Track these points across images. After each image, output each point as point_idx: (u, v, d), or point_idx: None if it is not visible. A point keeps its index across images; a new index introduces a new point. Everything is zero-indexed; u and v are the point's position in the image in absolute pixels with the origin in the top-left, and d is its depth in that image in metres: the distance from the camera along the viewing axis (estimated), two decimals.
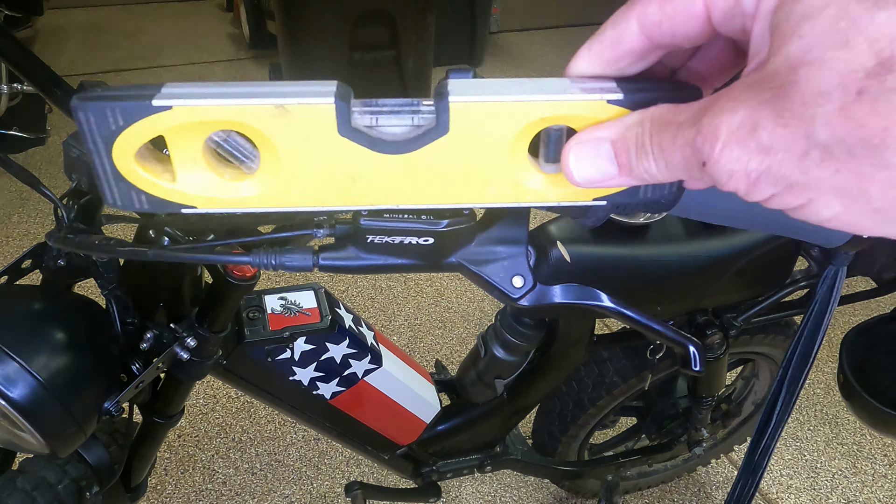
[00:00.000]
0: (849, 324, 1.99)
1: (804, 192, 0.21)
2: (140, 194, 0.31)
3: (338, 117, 0.29)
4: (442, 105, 0.29)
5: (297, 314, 0.81)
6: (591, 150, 0.28)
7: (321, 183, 0.31)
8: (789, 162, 0.21)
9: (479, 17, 3.54)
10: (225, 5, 4.45)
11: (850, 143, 0.19)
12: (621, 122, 0.27)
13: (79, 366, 0.60)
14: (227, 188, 0.32)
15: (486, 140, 0.30)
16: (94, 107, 0.28)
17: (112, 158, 0.30)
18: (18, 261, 0.64)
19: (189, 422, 1.59)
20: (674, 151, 0.24)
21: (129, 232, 0.67)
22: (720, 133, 0.22)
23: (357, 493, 1.06)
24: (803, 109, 0.20)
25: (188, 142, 0.30)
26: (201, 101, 0.28)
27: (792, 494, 1.54)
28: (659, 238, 0.80)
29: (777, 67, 0.21)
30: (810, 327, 0.77)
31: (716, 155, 0.22)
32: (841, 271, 0.75)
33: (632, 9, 0.27)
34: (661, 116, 0.26)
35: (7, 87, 2.14)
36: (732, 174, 0.22)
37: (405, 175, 0.31)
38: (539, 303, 0.45)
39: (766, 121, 0.21)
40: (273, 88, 0.29)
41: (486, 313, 1.97)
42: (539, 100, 0.28)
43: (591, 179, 0.28)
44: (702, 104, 0.24)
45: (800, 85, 0.20)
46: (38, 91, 0.58)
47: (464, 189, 0.32)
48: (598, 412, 1.14)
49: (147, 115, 0.28)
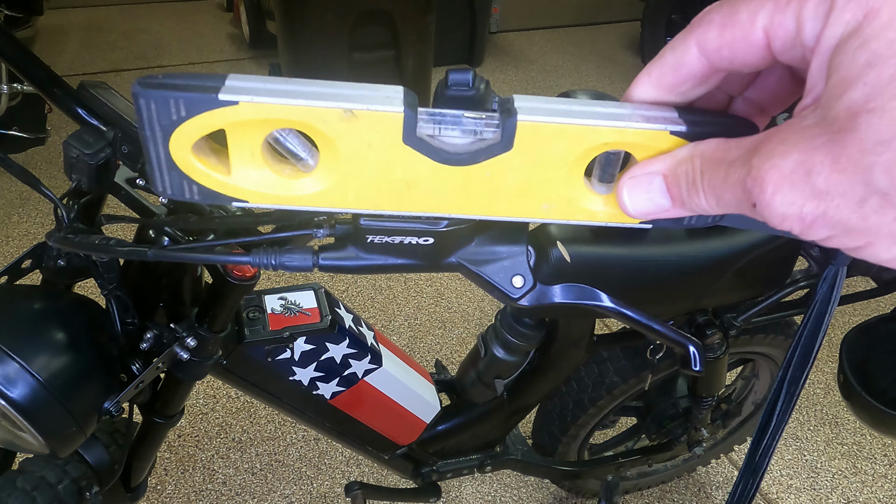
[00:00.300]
0: (849, 324, 1.99)
1: (863, 236, 0.21)
2: (192, 185, 0.31)
3: (405, 126, 0.29)
4: (509, 123, 0.29)
5: (297, 314, 0.81)
6: (644, 184, 0.29)
7: (377, 187, 0.31)
8: (846, 207, 0.21)
9: (479, 17, 3.54)
10: (225, 5, 4.45)
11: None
12: (672, 157, 0.28)
13: (79, 366, 0.60)
14: (281, 185, 0.31)
15: (547, 160, 0.30)
16: (157, 95, 0.27)
17: (168, 148, 0.29)
18: (18, 261, 0.65)
19: (189, 422, 1.59)
20: (725, 190, 0.25)
21: (129, 232, 0.67)
22: (771, 177, 0.22)
23: (357, 493, 1.06)
24: (861, 156, 0.20)
25: (248, 137, 0.29)
26: (269, 99, 0.27)
27: (792, 494, 1.54)
28: (659, 238, 0.80)
29: (837, 113, 0.21)
30: (810, 327, 0.77)
31: (766, 198, 0.22)
32: (841, 271, 0.75)
33: (691, 34, 0.27)
34: (711, 153, 0.26)
35: (7, 87, 2.14)
36: (786, 217, 0.22)
37: (462, 186, 0.31)
38: (539, 303, 0.45)
39: (821, 165, 0.21)
40: (340, 90, 0.28)
41: (486, 313, 1.97)
42: (605, 125, 0.29)
43: (645, 212, 0.29)
44: (753, 142, 0.24)
45: (860, 132, 0.20)
46: (38, 91, 0.58)
47: (517, 204, 0.32)
48: (598, 412, 1.14)
49: (211, 109, 0.27)
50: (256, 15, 3.57)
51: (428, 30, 2.77)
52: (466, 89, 0.32)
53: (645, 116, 0.29)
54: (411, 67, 2.83)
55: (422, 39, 2.77)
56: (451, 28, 3.48)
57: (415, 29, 2.71)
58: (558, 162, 0.30)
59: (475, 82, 0.32)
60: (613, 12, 4.57)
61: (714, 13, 0.26)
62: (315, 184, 0.31)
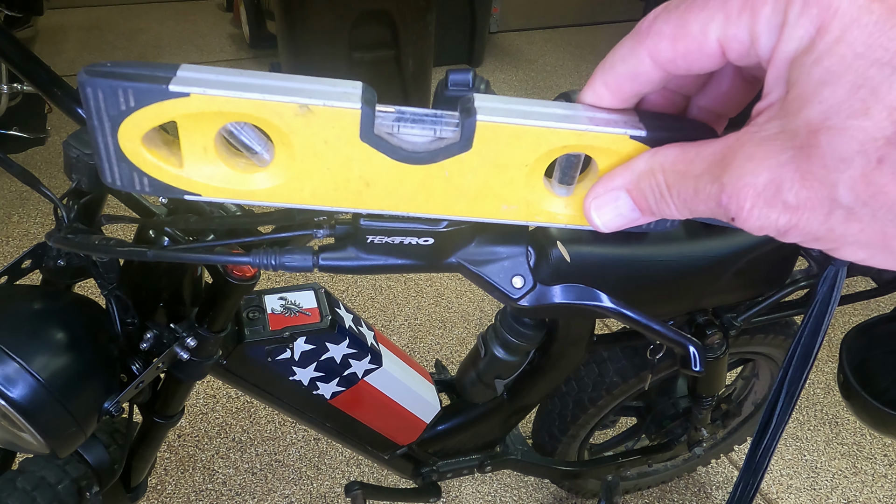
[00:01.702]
0: (849, 324, 1.99)
1: (831, 243, 0.23)
2: (143, 177, 0.30)
3: (362, 123, 0.28)
4: (468, 122, 0.28)
5: (297, 314, 0.81)
6: (610, 201, 0.29)
7: (334, 184, 0.30)
8: (815, 220, 0.22)
9: (479, 17, 3.54)
10: (225, 5, 4.45)
11: (873, 207, 0.20)
12: (632, 171, 0.28)
13: (79, 366, 0.60)
14: (235, 179, 0.31)
15: (506, 161, 0.30)
16: (105, 84, 0.26)
17: (117, 139, 0.28)
18: (18, 261, 0.64)
19: (189, 422, 1.59)
20: (697, 203, 0.25)
21: (129, 232, 0.67)
22: (746, 194, 0.23)
23: (357, 493, 1.06)
24: (825, 174, 0.21)
25: (201, 130, 0.29)
26: (221, 92, 0.27)
27: (792, 494, 1.54)
28: (659, 238, 0.80)
29: (797, 128, 0.22)
30: (811, 327, 0.77)
31: (745, 215, 0.23)
32: (841, 271, 0.75)
33: (642, 44, 0.26)
34: (673, 166, 0.26)
35: (7, 87, 2.14)
36: (763, 228, 0.24)
37: (420, 185, 0.31)
38: (539, 303, 0.45)
39: (790, 182, 0.22)
40: (296, 85, 0.28)
41: (486, 313, 1.97)
42: (565, 128, 0.28)
43: (617, 226, 0.30)
44: (715, 154, 0.24)
45: (822, 149, 0.21)
46: (38, 91, 0.58)
47: (476, 204, 0.32)
48: (598, 412, 1.14)
49: (161, 100, 0.27)
50: (256, 15, 3.57)
51: (428, 30, 2.76)
52: (466, 89, 0.32)
53: (605, 120, 0.29)
54: (411, 67, 2.83)
55: (422, 39, 2.77)
56: (451, 28, 3.48)
57: (415, 29, 2.71)
58: (518, 163, 0.30)
59: (475, 82, 0.32)
60: (613, 12, 4.57)
61: (662, 24, 0.25)
62: (270, 179, 0.31)
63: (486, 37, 3.76)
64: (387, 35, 2.71)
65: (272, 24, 3.37)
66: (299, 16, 2.57)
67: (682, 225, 0.83)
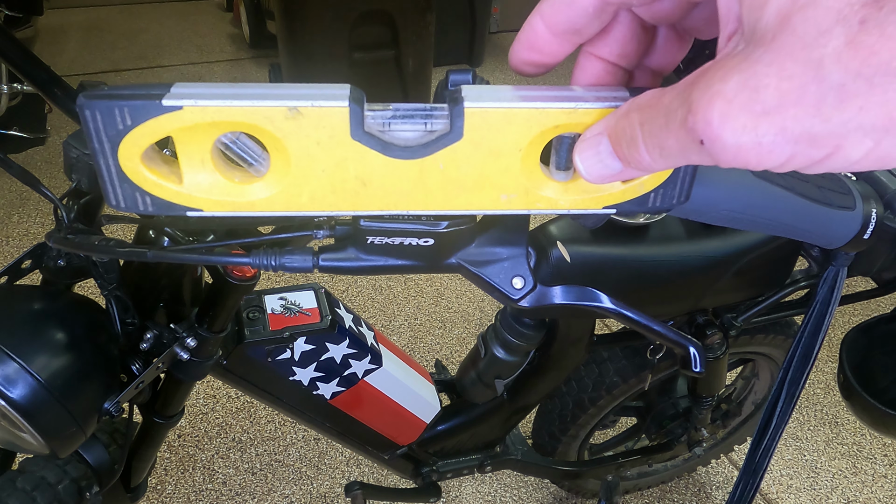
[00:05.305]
0: (849, 324, 1.99)
1: (829, 139, 0.19)
2: (145, 196, 0.31)
3: (351, 121, 0.28)
4: (457, 111, 0.29)
5: (297, 314, 0.81)
6: (593, 146, 0.27)
7: (331, 187, 0.31)
8: (805, 114, 0.19)
9: (479, 17, 3.54)
10: (225, 5, 4.45)
11: (868, 74, 0.18)
12: (615, 114, 0.27)
13: (79, 366, 0.60)
14: (234, 191, 0.31)
15: (499, 147, 0.30)
16: (102, 105, 0.27)
17: (118, 159, 0.29)
18: (18, 261, 0.64)
19: (189, 422, 1.59)
20: (667, 136, 0.22)
21: (129, 232, 0.67)
22: (715, 105, 0.20)
23: (357, 493, 1.06)
24: (807, 53, 0.18)
25: (197, 143, 0.29)
26: (212, 102, 0.27)
27: (792, 494, 1.54)
28: (659, 238, 0.80)
29: (766, 23, 0.19)
30: (811, 327, 0.77)
31: (714, 131, 0.20)
32: (841, 272, 0.75)
33: None
34: (647, 102, 0.24)
35: (7, 87, 2.14)
36: (740, 147, 0.20)
37: (416, 181, 0.31)
38: (539, 304, 0.45)
39: (766, 78, 0.19)
40: (285, 91, 0.28)
41: (486, 313, 1.97)
42: (554, 107, 0.28)
43: (599, 176, 0.28)
44: (686, 80, 0.22)
45: (798, 30, 0.19)
46: (38, 91, 0.58)
47: (475, 196, 0.32)
48: (598, 412, 1.14)
49: (156, 115, 0.27)
50: (256, 15, 3.58)
51: (428, 30, 2.76)
52: None
53: (595, 96, 0.29)
54: (411, 67, 2.83)
55: (422, 39, 2.77)
56: (451, 28, 3.48)
57: (415, 29, 2.71)
58: (511, 148, 0.30)
59: (475, 82, 0.32)
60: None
61: None
62: (267, 188, 0.31)
63: (486, 37, 3.76)
64: (387, 35, 2.71)
65: (272, 24, 3.37)
66: (299, 16, 2.57)
67: (682, 225, 0.83)
